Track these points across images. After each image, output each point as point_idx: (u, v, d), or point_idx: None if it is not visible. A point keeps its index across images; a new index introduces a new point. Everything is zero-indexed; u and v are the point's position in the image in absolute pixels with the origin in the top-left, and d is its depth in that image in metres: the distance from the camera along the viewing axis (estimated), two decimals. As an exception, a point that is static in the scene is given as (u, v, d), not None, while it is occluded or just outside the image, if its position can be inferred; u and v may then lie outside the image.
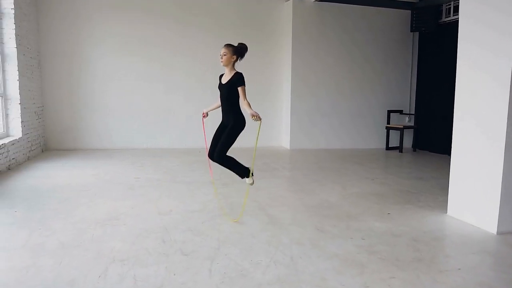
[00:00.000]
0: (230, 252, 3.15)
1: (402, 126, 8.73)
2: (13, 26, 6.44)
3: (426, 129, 8.97)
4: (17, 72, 6.52)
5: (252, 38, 8.83)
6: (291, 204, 4.59)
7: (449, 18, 8.42)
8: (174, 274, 2.76)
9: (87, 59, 8.09)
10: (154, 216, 4.04)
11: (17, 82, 6.53)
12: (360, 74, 9.11)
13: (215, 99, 4.39)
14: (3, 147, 5.81)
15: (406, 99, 9.44)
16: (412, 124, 9.22)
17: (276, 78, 9.16)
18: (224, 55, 3.92)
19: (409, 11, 9.04)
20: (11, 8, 6.40)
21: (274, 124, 9.25)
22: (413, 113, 9.40)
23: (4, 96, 6.50)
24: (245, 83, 3.92)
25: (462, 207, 4.07)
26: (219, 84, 4.05)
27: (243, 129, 3.97)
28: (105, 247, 3.20)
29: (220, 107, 4.19)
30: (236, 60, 3.96)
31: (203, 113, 4.37)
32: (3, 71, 6.47)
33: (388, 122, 9.16)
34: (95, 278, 2.68)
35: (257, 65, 8.96)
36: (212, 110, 4.37)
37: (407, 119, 9.45)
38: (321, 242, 3.40)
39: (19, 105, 6.59)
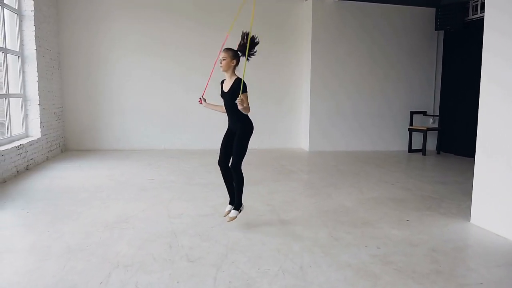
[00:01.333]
0: (237, 259, 3.04)
1: (425, 128, 8.44)
2: (33, 28, 6.52)
3: (451, 131, 8.64)
4: (37, 73, 6.59)
5: (271, 37, 8.73)
6: (305, 208, 4.44)
7: (476, 16, 8.08)
8: (178, 282, 2.66)
9: (106, 60, 8.14)
10: (164, 219, 3.97)
11: (37, 84, 6.61)
12: (382, 74, 8.86)
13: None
14: (21, 148, 5.87)
15: (430, 100, 9.13)
16: (436, 126, 8.90)
17: (295, 78, 9.00)
18: (224, 59, 3.72)
19: (433, 9, 8.74)
20: (31, 10, 6.48)
21: (293, 126, 9.10)
22: (437, 114, 9.07)
23: (24, 97, 6.59)
24: (247, 89, 3.71)
25: (487, 215, 3.84)
26: (221, 92, 3.85)
27: (252, 133, 3.80)
28: (110, 252, 3.14)
29: (219, 110, 4.01)
30: (237, 64, 3.76)
31: (200, 99, 4.01)
32: (23, 72, 6.56)
33: (411, 124, 8.87)
34: (96, 284, 2.61)
35: (276, 65, 8.84)
36: (212, 108, 4.07)
37: (431, 120, 9.13)
38: (334, 250, 3.24)
39: (38, 106, 6.66)
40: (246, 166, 6.86)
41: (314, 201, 4.76)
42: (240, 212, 3.80)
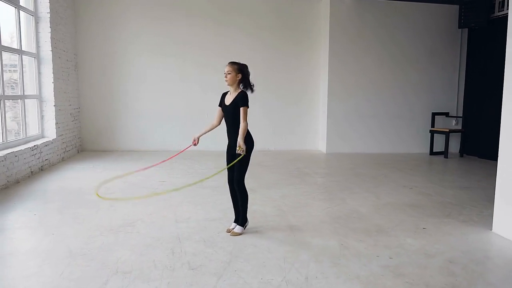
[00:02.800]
0: (240, 268, 2.91)
1: (448, 130, 8.12)
2: (49, 30, 6.56)
3: (475, 132, 8.29)
4: (52, 74, 6.63)
5: (288, 37, 8.59)
6: (317, 214, 4.28)
7: (502, 13, 7.71)
8: (176, 292, 2.56)
9: (123, 61, 8.15)
10: (170, 223, 3.88)
11: (52, 85, 6.64)
12: (402, 74, 8.58)
13: (255, 102, 4.02)
14: (35, 149, 5.91)
15: (453, 100, 8.79)
16: (460, 128, 8.56)
17: (312, 79, 8.82)
18: (229, 73, 3.60)
19: (457, 6, 8.41)
20: (47, 12, 6.53)
21: (310, 127, 8.91)
22: (461, 115, 8.73)
23: (40, 98, 6.64)
24: (249, 104, 3.56)
25: (510, 223, 3.59)
26: (223, 104, 3.71)
27: (253, 147, 3.65)
28: (111, 257, 3.06)
29: (209, 130, 3.90)
30: (242, 79, 3.62)
31: (194, 141, 3.97)
32: (39, 73, 6.61)
33: (433, 125, 8.56)
34: (91, 292, 2.53)
35: (293, 65, 8.68)
36: (205, 133, 3.98)
37: (454, 122, 8.79)
38: (343, 260, 3.07)
39: (54, 107, 6.70)
40: (261, 169, 6.78)
41: (327, 206, 4.59)
42: (245, 228, 3.68)
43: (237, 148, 3.45)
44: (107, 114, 8.23)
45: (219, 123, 3.91)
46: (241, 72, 3.60)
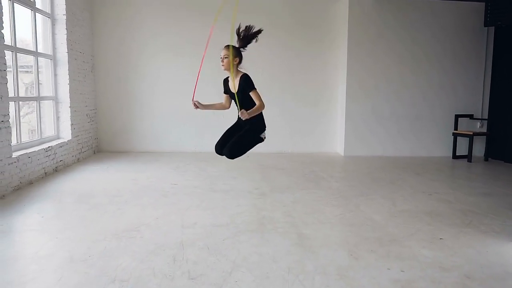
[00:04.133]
0: (242, 278, 2.79)
1: (472, 133, 7.78)
2: (65, 32, 6.60)
3: (502, 135, 7.92)
4: (68, 76, 6.67)
5: (305, 37, 8.42)
6: (328, 221, 4.11)
7: (531, 10, 7.34)
8: (172, 303, 2.46)
9: (138, 62, 8.16)
10: (176, 229, 3.79)
11: (68, 86, 6.68)
12: (424, 74, 8.29)
13: (271, 103, 3.93)
14: (49, 150, 5.94)
15: (477, 102, 8.43)
16: (485, 130, 8.20)
17: (330, 80, 8.62)
18: (226, 57, 3.47)
19: (482, 4, 8.06)
20: (63, 14, 6.57)
21: (328, 129, 8.71)
22: (486, 117, 8.36)
23: (56, 100, 6.69)
24: (255, 85, 3.44)
25: (535, 237, 3.35)
26: (229, 92, 3.59)
27: (264, 129, 3.51)
28: (111, 264, 2.98)
29: (217, 108, 3.78)
30: (240, 62, 3.50)
31: (195, 103, 3.78)
32: (55, 75, 6.65)
33: (456, 128, 8.23)
34: (85, 302, 2.45)
35: (310, 66, 8.51)
36: (210, 107, 3.81)
37: (478, 124, 8.43)
38: (351, 272, 2.91)
39: (69, 108, 6.74)
40: (275, 172, 6.65)
41: (339, 212, 4.42)
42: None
43: (240, 114, 3.27)
44: (123, 115, 8.26)
45: (229, 106, 3.81)
46: (238, 56, 3.50)
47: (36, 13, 6.09)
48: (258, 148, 8.60)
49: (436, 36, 8.20)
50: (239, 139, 3.48)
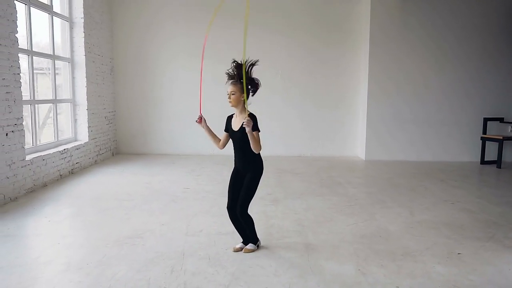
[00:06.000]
0: (238, 293, 2.65)
1: (501, 137, 7.37)
2: (82, 35, 6.65)
3: (535, 141, 7.47)
4: (85, 79, 6.72)
5: (325, 39, 8.22)
6: (339, 231, 3.92)
7: None
8: (161, 319, 2.34)
9: (157, 64, 8.16)
10: (180, 236, 3.70)
11: (85, 89, 6.73)
12: (450, 77, 7.91)
13: (291, 106, 3.67)
14: (65, 152, 5.98)
15: (508, 105, 7.98)
16: (516, 135, 7.77)
17: (351, 83, 8.37)
18: (233, 94, 3.23)
19: (513, 1, 7.64)
20: (81, 18, 6.62)
21: (350, 133, 8.46)
22: (518, 121, 7.92)
23: (73, 102, 6.75)
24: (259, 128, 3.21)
25: None
26: (231, 130, 3.34)
27: (262, 173, 3.32)
28: (107, 273, 2.91)
29: (213, 141, 3.49)
30: (248, 97, 3.24)
31: (199, 118, 3.51)
32: (73, 78, 6.72)
33: (484, 132, 7.81)
34: (72, 315, 2.38)
35: (331, 69, 8.29)
36: (208, 134, 3.50)
37: (510, 128, 7.97)
38: (356, 289, 2.73)
39: (87, 110, 6.79)
40: (291, 176, 6.47)
41: (352, 222, 4.21)
42: (258, 246, 3.41)
43: (245, 122, 3.04)
44: (141, 117, 8.27)
45: (223, 147, 3.54)
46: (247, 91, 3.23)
47: (53, 16, 6.15)
48: (276, 151, 8.56)
49: (463, 35, 7.82)
50: (247, 195, 3.25)
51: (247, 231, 3.36)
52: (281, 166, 7.31)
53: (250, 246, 3.39)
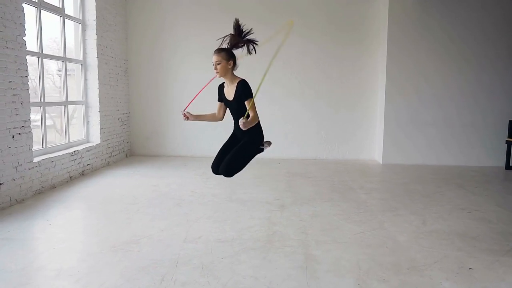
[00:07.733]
0: (226, 307, 2.53)
1: (528, 142, 6.99)
2: (95, 37, 6.67)
3: None
4: (97, 80, 6.74)
5: (341, 39, 8.00)
6: (344, 240, 3.74)
7: None
8: (141, 333, 2.24)
9: (171, 65, 8.13)
10: (178, 243, 3.60)
11: (97, 90, 6.75)
12: (471, 77, 7.55)
13: (306, 107, 3.57)
14: (75, 154, 6.00)
15: (536, 107, 7.58)
16: (544, 139, 7.34)
17: (368, 84, 8.11)
18: (218, 63, 3.18)
19: (542, -3, 7.23)
20: (93, 20, 6.65)
21: (366, 135, 8.21)
22: (546, 124, 7.49)
23: (86, 104, 6.79)
24: (252, 93, 3.13)
25: None
26: (225, 100, 3.32)
27: (259, 144, 3.21)
28: (96, 281, 2.84)
29: (209, 120, 3.50)
30: (234, 65, 3.21)
31: (184, 115, 3.56)
32: (85, 80, 6.75)
33: (510, 135, 7.42)
34: (51, 326, 2.31)
35: (347, 70, 8.06)
36: (201, 119, 3.53)
37: (537, 132, 7.56)
38: (352, 306, 2.56)
39: (99, 112, 6.81)
40: (302, 180, 6.30)
41: (359, 230, 4.02)
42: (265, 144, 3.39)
43: (240, 123, 2.99)
44: (155, 118, 8.27)
45: (223, 118, 3.54)
46: (232, 58, 3.22)
47: (65, 19, 6.18)
48: (290, 154, 8.40)
49: (486, 34, 7.45)
50: (237, 153, 3.21)
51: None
52: (292, 169, 7.15)
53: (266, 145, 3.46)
